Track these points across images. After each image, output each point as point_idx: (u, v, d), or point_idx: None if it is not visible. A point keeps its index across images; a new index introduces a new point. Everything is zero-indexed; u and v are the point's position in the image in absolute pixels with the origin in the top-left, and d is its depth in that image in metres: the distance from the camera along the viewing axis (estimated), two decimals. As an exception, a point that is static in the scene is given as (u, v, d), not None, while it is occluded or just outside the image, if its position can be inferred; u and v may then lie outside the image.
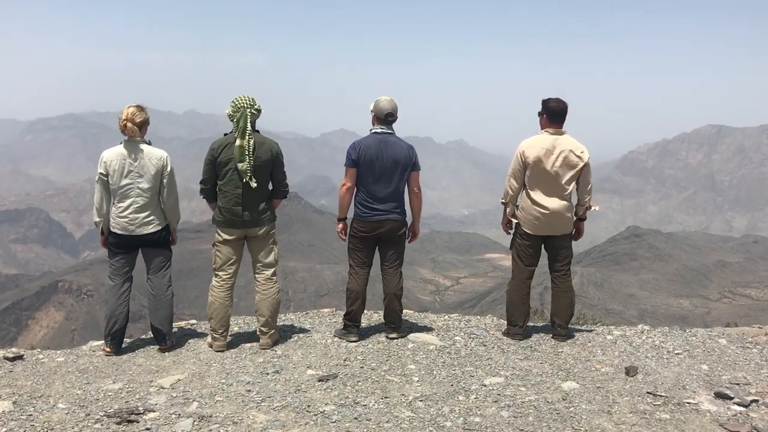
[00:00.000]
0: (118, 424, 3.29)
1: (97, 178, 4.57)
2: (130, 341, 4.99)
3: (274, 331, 4.76)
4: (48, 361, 4.52)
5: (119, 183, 4.53)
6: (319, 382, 3.93)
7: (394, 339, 4.86)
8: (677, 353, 4.64)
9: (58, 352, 4.80)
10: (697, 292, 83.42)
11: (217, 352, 4.62)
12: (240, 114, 4.46)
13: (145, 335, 5.19)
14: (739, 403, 3.61)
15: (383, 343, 4.77)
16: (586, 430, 3.24)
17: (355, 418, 3.35)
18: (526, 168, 4.76)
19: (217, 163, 4.51)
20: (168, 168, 4.64)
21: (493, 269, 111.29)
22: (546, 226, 4.78)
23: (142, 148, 4.54)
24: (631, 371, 4.14)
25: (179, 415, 3.41)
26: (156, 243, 4.71)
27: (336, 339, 4.89)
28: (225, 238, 4.63)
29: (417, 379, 4.00)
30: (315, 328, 5.23)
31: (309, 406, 3.51)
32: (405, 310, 5.36)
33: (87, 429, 3.25)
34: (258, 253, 4.73)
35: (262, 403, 3.57)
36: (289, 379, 4.00)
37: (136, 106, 4.59)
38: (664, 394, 3.76)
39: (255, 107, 4.52)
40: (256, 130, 4.54)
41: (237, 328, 5.30)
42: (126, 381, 4.02)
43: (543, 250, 4.98)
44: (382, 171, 4.63)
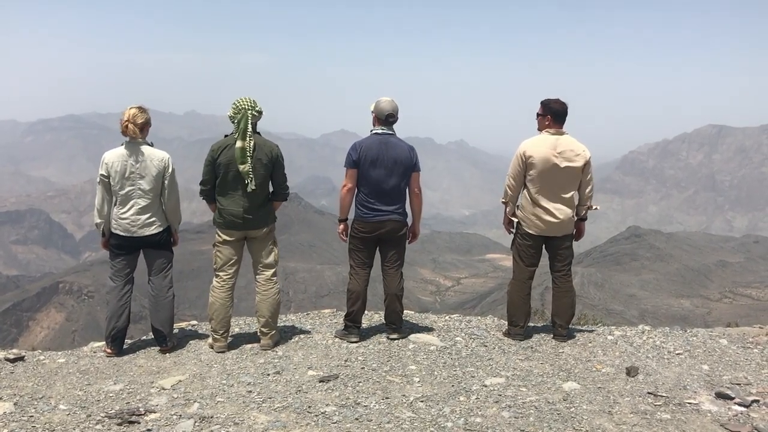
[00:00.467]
0: (119, 425, 3.29)
1: (98, 180, 4.57)
2: (131, 342, 4.99)
3: (274, 331, 4.76)
4: (49, 363, 4.52)
5: (121, 184, 4.53)
6: (320, 382, 3.93)
7: (395, 340, 4.86)
8: (678, 353, 4.64)
9: (59, 353, 4.81)
10: (697, 293, 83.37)
11: (218, 353, 4.62)
12: (241, 116, 4.47)
13: (146, 336, 5.20)
14: (740, 404, 3.60)
15: (384, 344, 4.77)
16: (587, 431, 3.24)
17: (356, 419, 3.35)
18: (527, 168, 4.76)
19: (217, 165, 4.51)
20: (169, 169, 4.65)
21: (493, 270, 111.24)
22: (547, 227, 4.78)
23: (143, 150, 4.54)
24: (631, 371, 4.14)
25: (180, 416, 3.41)
26: (157, 244, 4.71)
27: (337, 340, 4.89)
28: (225, 239, 4.63)
29: (418, 379, 4.01)
30: (316, 329, 5.23)
31: (310, 407, 3.51)
32: (405, 311, 5.36)
33: (88, 430, 3.25)
34: (258, 254, 4.73)
35: (263, 404, 3.57)
36: (290, 379, 4.00)
37: (138, 107, 4.59)
38: (664, 395, 3.76)
39: (256, 109, 4.53)
40: (257, 132, 4.56)
41: (238, 329, 5.30)
42: (127, 382, 4.02)
43: (544, 251, 4.99)
44: (382, 172, 4.63)
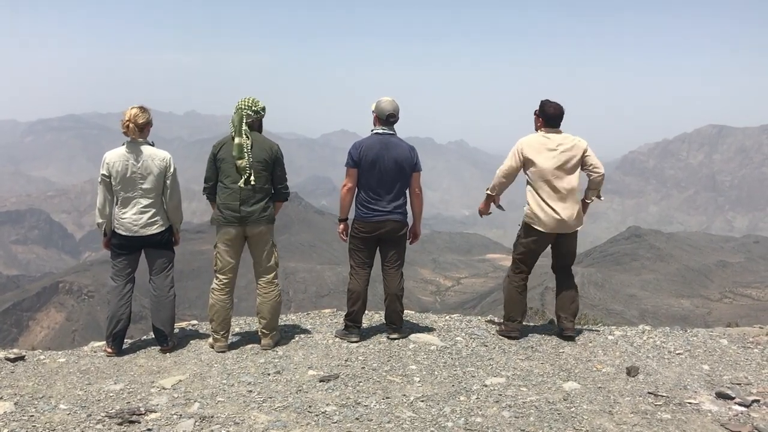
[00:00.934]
0: (120, 424, 3.29)
1: (99, 180, 4.57)
2: (131, 342, 5.00)
3: (275, 332, 4.76)
4: (49, 362, 4.52)
5: (122, 185, 4.53)
6: (320, 382, 3.93)
7: (395, 339, 4.87)
8: (678, 353, 4.64)
9: (60, 352, 4.81)
10: (698, 293, 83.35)
11: (219, 352, 4.63)
12: (236, 114, 4.53)
13: (146, 336, 5.20)
14: (740, 403, 3.60)
15: (384, 344, 4.77)
16: (588, 431, 3.24)
17: (357, 419, 3.35)
18: (525, 165, 4.77)
19: (217, 160, 4.55)
20: (171, 169, 4.65)
21: (493, 270, 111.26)
22: (556, 225, 4.77)
23: (144, 150, 4.55)
24: (632, 371, 4.14)
25: (181, 415, 3.41)
26: (159, 244, 4.71)
27: (337, 339, 4.89)
28: (224, 238, 4.63)
29: (418, 379, 4.01)
30: (316, 329, 5.23)
31: (310, 407, 3.52)
32: (406, 311, 5.36)
33: (89, 430, 3.25)
34: (259, 256, 4.72)
35: (264, 404, 3.58)
36: (290, 379, 4.00)
37: (139, 107, 4.60)
38: (665, 395, 3.76)
39: (253, 108, 4.55)
40: (260, 130, 4.59)
41: (238, 329, 5.30)
42: (127, 382, 4.02)
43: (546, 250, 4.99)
44: (383, 172, 4.63)
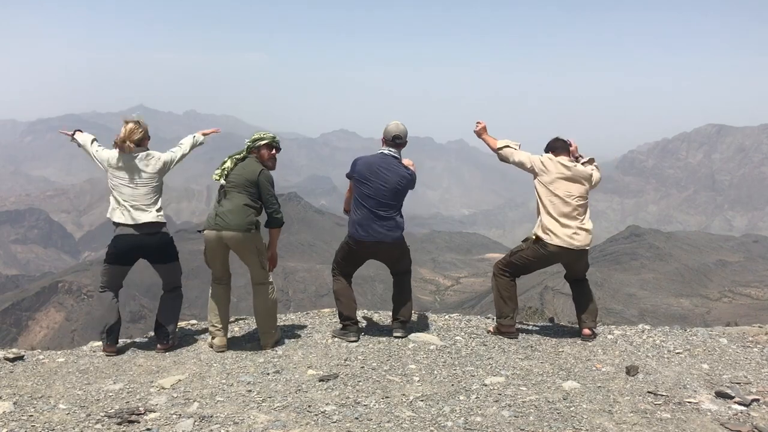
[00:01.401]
0: (119, 424, 3.29)
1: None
2: (130, 341, 5.00)
3: (274, 331, 4.76)
4: (48, 362, 4.52)
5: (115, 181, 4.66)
6: (319, 382, 3.93)
7: (400, 338, 4.87)
8: (678, 353, 4.64)
9: (59, 352, 4.80)
10: (697, 292, 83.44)
11: (218, 352, 4.63)
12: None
13: (145, 336, 5.20)
14: (739, 403, 3.60)
15: (384, 343, 4.77)
16: (587, 430, 3.24)
17: (356, 418, 3.35)
18: (540, 173, 4.86)
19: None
20: (166, 159, 4.78)
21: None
22: (568, 243, 4.77)
23: (137, 158, 4.66)
24: (631, 371, 4.14)
25: (180, 415, 3.41)
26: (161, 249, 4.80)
27: (336, 339, 4.89)
28: (205, 242, 4.67)
29: (418, 378, 4.00)
30: (315, 328, 5.23)
31: (310, 406, 3.51)
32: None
33: (88, 429, 3.25)
34: (248, 265, 4.73)
35: (263, 404, 3.57)
36: (289, 379, 4.00)
37: (135, 122, 4.61)
38: (664, 394, 3.75)
39: (253, 139, 4.72)
40: (254, 155, 4.70)
41: (237, 329, 5.30)
42: (126, 381, 4.02)
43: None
44: (375, 191, 4.71)
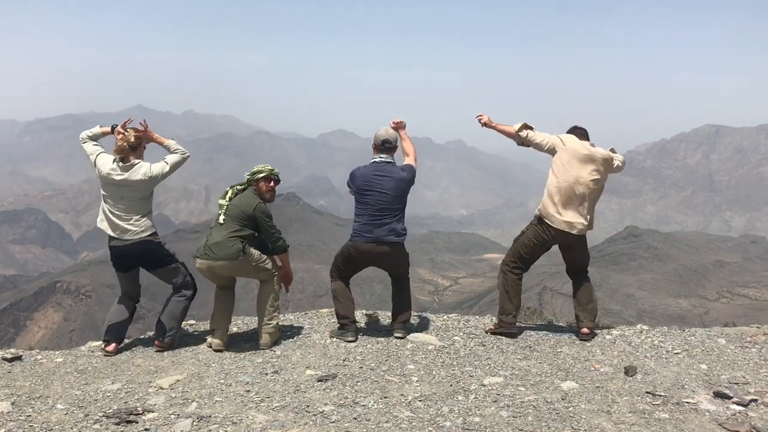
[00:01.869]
0: (117, 424, 3.28)
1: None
2: (128, 342, 4.99)
3: (273, 331, 4.76)
4: (46, 362, 4.52)
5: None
6: (318, 382, 3.93)
7: (401, 338, 4.87)
8: (676, 353, 4.65)
9: (57, 352, 4.80)
10: (695, 292, 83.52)
11: (216, 352, 4.63)
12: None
13: (144, 336, 5.19)
14: (738, 403, 3.61)
15: (382, 343, 4.77)
16: (586, 430, 3.24)
17: (355, 419, 3.35)
18: (553, 152, 4.84)
19: None
20: (158, 170, 4.69)
21: (491, 269, 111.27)
22: (569, 227, 4.81)
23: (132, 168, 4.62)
24: (630, 371, 4.14)
25: (178, 415, 3.41)
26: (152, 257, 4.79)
27: (335, 339, 4.89)
28: (198, 270, 4.69)
29: (416, 379, 4.00)
30: (314, 329, 5.23)
31: (308, 407, 3.51)
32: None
33: (86, 429, 3.25)
34: (254, 279, 4.82)
35: (261, 404, 3.57)
36: (288, 379, 4.00)
37: (135, 136, 4.65)
38: (663, 394, 3.76)
39: (252, 172, 4.76)
40: (253, 188, 4.73)
41: (236, 329, 5.30)
42: (125, 381, 4.02)
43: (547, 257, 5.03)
44: (374, 200, 4.72)
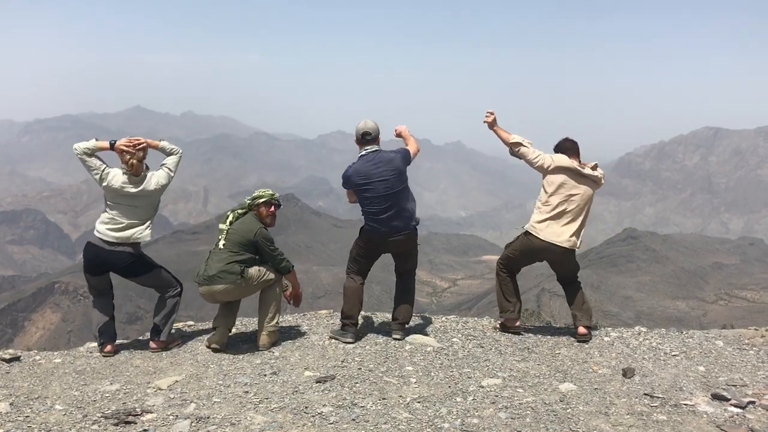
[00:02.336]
0: (116, 425, 3.28)
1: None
2: (127, 342, 4.99)
3: (272, 331, 4.77)
4: (45, 363, 4.51)
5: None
6: (316, 383, 3.93)
7: (399, 339, 4.87)
8: (674, 355, 4.65)
9: (55, 353, 4.79)
10: (693, 294, 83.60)
11: (215, 352, 4.63)
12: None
13: (142, 336, 5.19)
14: (735, 405, 3.61)
15: (381, 345, 4.77)
16: (584, 432, 3.25)
17: (353, 420, 3.35)
18: (544, 171, 4.81)
19: None
20: (168, 178, 4.72)
21: (490, 271, 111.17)
22: (555, 240, 4.79)
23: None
24: (628, 373, 4.15)
25: (177, 416, 3.41)
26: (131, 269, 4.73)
27: (333, 341, 4.89)
28: (201, 295, 4.66)
29: (415, 380, 4.01)
30: (312, 330, 5.23)
31: (307, 408, 3.51)
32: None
33: (84, 430, 3.25)
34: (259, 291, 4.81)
35: (260, 405, 3.57)
36: (286, 380, 4.00)
37: (141, 149, 4.64)
38: (661, 396, 3.76)
39: (253, 197, 4.76)
40: (253, 213, 4.72)
41: (235, 330, 5.29)
42: (123, 382, 4.02)
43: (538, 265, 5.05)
44: (374, 190, 4.69)
